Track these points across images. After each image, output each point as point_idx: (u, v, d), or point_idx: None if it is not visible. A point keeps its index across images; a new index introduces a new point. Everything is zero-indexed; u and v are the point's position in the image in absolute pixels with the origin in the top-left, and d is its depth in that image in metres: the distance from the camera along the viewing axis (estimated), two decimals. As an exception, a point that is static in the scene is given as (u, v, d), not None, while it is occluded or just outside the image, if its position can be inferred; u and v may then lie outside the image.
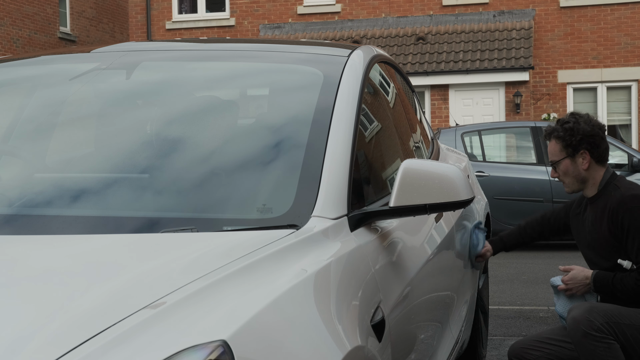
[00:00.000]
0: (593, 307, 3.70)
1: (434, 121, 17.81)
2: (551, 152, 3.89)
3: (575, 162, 3.83)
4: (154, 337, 1.58)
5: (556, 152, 3.87)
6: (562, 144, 3.84)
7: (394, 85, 3.61)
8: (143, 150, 2.65)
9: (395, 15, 19.41)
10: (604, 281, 3.81)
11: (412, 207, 2.42)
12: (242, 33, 20.08)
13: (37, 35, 22.07)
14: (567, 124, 3.84)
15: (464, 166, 4.78)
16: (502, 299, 7.52)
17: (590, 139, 3.82)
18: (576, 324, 3.64)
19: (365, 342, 2.09)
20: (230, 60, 3.16)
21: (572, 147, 3.82)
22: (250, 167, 2.52)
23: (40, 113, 2.96)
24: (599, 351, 3.60)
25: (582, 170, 3.83)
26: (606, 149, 3.88)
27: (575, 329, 3.64)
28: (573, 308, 3.75)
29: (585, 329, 3.60)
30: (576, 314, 3.67)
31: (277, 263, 2.00)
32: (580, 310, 3.68)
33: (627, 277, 3.75)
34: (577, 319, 3.65)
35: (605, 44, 18.34)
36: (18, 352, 1.50)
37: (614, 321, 3.65)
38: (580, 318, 3.64)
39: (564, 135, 3.82)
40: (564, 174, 3.88)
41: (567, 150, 3.84)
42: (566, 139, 3.82)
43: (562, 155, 3.84)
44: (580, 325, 3.62)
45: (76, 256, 2.04)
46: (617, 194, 3.78)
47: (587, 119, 3.86)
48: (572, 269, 3.94)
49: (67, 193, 2.48)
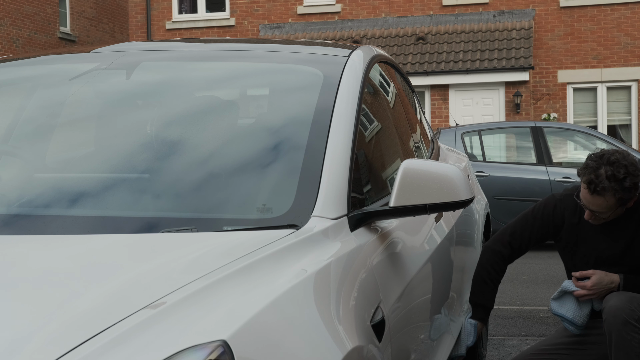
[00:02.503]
0: (634, 297, 3.64)
1: (434, 121, 17.81)
2: (603, 206, 3.68)
3: (624, 207, 3.74)
4: (154, 337, 1.58)
5: (610, 207, 3.68)
6: (620, 201, 3.67)
7: (394, 85, 3.61)
8: (143, 150, 2.65)
9: (395, 15, 19.41)
10: (635, 281, 3.77)
11: (412, 207, 2.42)
12: (242, 33, 20.08)
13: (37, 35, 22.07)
14: (625, 182, 3.62)
15: (464, 166, 4.78)
16: (502, 299, 7.52)
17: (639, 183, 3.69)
18: (618, 311, 3.58)
19: (365, 342, 2.09)
20: (230, 60, 3.16)
21: (628, 200, 3.69)
22: (250, 167, 2.52)
23: (40, 113, 2.96)
24: (634, 342, 3.55)
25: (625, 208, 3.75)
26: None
27: (615, 316, 3.58)
28: (611, 297, 3.66)
29: (627, 317, 3.56)
30: (617, 302, 3.61)
31: (277, 263, 2.00)
32: (622, 299, 3.62)
33: None
34: (619, 307, 3.58)
35: (605, 44, 18.35)
36: (18, 352, 1.50)
37: None
38: (623, 306, 3.58)
39: (623, 195, 3.65)
40: (605, 215, 3.73)
41: (621, 203, 3.69)
42: (625, 198, 3.66)
43: (615, 207, 3.69)
44: (622, 312, 3.56)
45: (76, 256, 2.04)
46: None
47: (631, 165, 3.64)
48: (592, 274, 3.81)
49: (67, 193, 2.48)
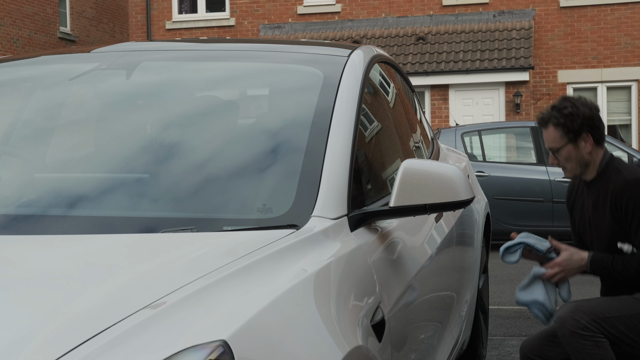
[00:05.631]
0: (578, 306, 3.68)
1: (434, 121, 17.80)
2: (550, 139, 3.80)
3: (578, 147, 3.77)
4: (153, 337, 1.58)
5: (556, 139, 3.78)
6: (563, 130, 3.76)
7: (394, 85, 3.61)
8: (143, 151, 2.65)
9: (395, 15, 19.41)
10: (602, 263, 3.76)
11: (412, 207, 2.42)
12: (242, 33, 20.08)
13: (37, 35, 22.07)
14: (565, 109, 3.76)
15: (464, 166, 4.78)
16: (502, 299, 7.52)
17: (590, 121, 3.76)
18: (562, 323, 3.64)
19: (365, 342, 2.08)
20: (230, 60, 3.16)
21: (573, 132, 3.75)
22: (250, 167, 2.52)
23: (40, 113, 2.95)
24: (587, 349, 3.60)
25: (585, 154, 3.77)
26: (604, 129, 3.83)
27: (562, 328, 3.64)
28: (560, 308, 3.73)
29: (572, 329, 3.60)
30: (562, 314, 3.67)
31: (277, 263, 1.99)
32: (565, 310, 3.67)
33: (629, 259, 3.71)
34: (562, 319, 3.64)
35: (605, 44, 18.34)
36: (17, 352, 1.50)
37: (601, 317, 3.63)
38: (566, 317, 3.64)
39: (565, 122, 3.75)
40: (566, 160, 3.81)
41: (568, 136, 3.76)
42: (567, 125, 3.75)
43: (563, 141, 3.77)
44: (566, 324, 3.62)
45: (76, 256, 2.04)
46: (620, 178, 3.73)
47: (583, 102, 3.80)
48: (564, 249, 3.86)
49: (67, 193, 2.47)
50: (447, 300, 3.48)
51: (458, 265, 3.80)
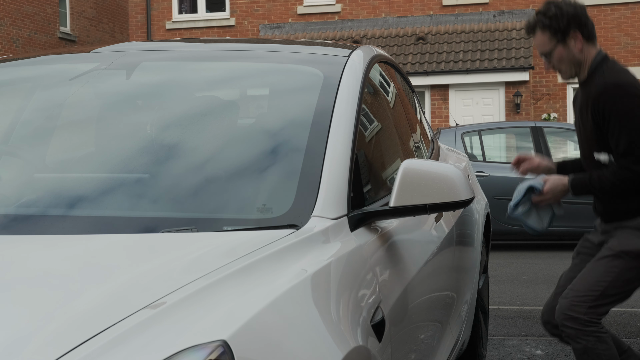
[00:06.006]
0: (571, 301, 3.66)
1: (434, 121, 17.81)
2: (540, 43, 3.77)
3: (568, 46, 3.73)
4: (153, 337, 1.58)
5: (546, 42, 3.75)
6: (551, 31, 3.73)
7: (394, 85, 3.61)
8: (143, 151, 2.65)
9: (395, 15, 19.41)
10: (581, 183, 3.74)
11: (412, 207, 2.42)
12: (242, 33, 20.08)
13: (37, 35, 22.07)
14: (550, 11, 3.74)
15: (464, 166, 4.78)
16: (502, 299, 7.52)
17: (576, 18, 3.73)
18: (563, 323, 3.65)
19: (365, 342, 2.08)
20: (230, 60, 3.16)
21: (561, 32, 3.72)
22: (251, 167, 2.52)
23: (40, 113, 2.95)
24: (590, 345, 3.62)
25: (577, 52, 3.73)
26: (593, 25, 3.79)
27: (564, 328, 3.66)
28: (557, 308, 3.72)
29: (576, 327, 3.62)
30: (558, 316, 3.68)
31: (277, 263, 1.99)
32: (559, 310, 3.68)
33: (603, 173, 3.67)
34: (563, 319, 3.66)
35: (605, 44, 18.34)
36: (17, 352, 1.50)
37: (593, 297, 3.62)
38: (563, 318, 3.65)
39: (551, 23, 3.72)
40: (559, 62, 3.76)
41: (557, 37, 3.73)
42: (553, 26, 3.72)
43: (552, 43, 3.74)
44: (567, 324, 3.64)
45: (76, 256, 2.04)
46: (600, 81, 3.67)
47: (567, 2, 3.77)
48: (546, 179, 3.87)
49: (67, 193, 2.47)
50: (447, 300, 3.48)
51: (458, 265, 3.80)
